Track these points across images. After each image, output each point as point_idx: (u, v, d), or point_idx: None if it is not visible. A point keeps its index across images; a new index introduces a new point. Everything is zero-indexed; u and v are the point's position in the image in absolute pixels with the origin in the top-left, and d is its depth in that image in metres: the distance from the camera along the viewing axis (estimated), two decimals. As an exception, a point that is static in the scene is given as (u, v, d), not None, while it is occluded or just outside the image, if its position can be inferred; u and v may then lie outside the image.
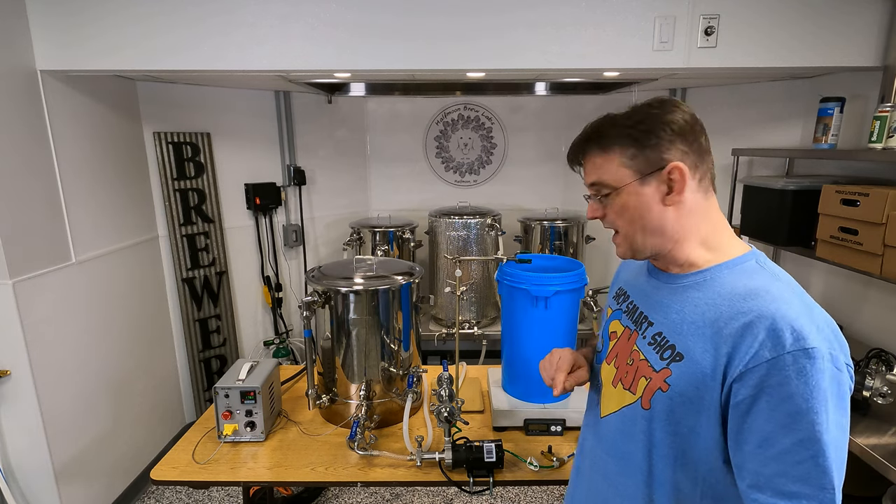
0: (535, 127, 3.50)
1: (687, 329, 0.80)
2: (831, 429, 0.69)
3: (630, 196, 0.83)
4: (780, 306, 0.72)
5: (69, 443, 2.11)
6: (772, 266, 0.82)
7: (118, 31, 1.91)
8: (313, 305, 1.53)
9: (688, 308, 0.82)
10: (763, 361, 0.70)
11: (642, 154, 0.81)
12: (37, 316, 1.96)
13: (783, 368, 0.69)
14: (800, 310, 0.72)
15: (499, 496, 2.56)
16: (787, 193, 2.10)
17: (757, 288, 0.76)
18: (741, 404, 0.73)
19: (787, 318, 0.71)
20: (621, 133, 0.82)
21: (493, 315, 3.09)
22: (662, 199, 0.82)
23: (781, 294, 0.74)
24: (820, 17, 1.94)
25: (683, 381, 0.79)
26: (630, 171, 0.82)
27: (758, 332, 0.71)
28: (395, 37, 1.94)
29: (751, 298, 0.75)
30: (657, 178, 0.81)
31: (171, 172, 2.70)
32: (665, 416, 0.81)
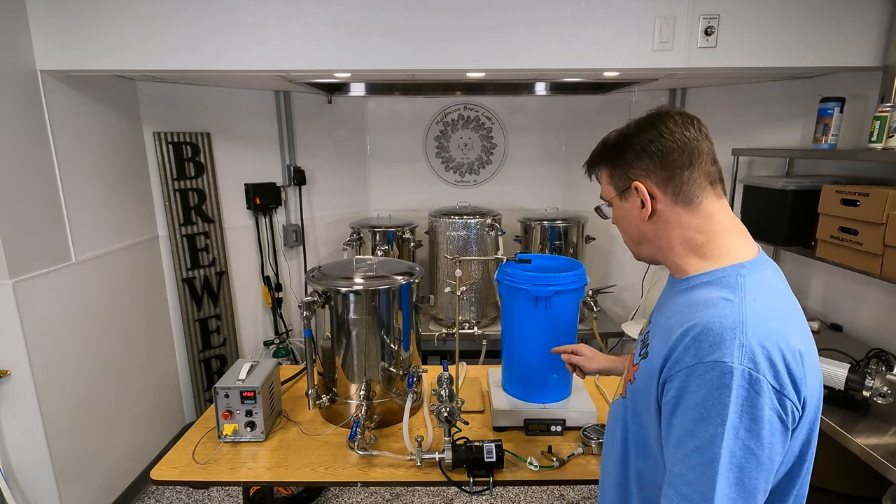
0: (535, 127, 3.50)
1: (659, 331, 0.86)
2: (729, 446, 0.70)
3: (617, 210, 0.94)
4: (713, 318, 0.75)
5: (69, 443, 2.11)
6: (753, 281, 0.81)
7: (118, 31, 1.91)
8: (313, 305, 1.53)
9: (667, 311, 0.87)
10: (684, 367, 0.75)
11: (616, 174, 0.91)
12: (37, 316, 1.96)
13: (698, 377, 0.73)
14: (731, 324, 0.73)
15: (499, 496, 2.56)
16: (787, 193, 2.10)
17: (710, 300, 0.79)
18: (668, 404, 0.77)
19: (713, 330, 0.73)
20: (604, 154, 0.93)
21: (493, 315, 3.09)
22: (639, 213, 0.89)
23: (723, 308, 0.76)
24: (820, 17, 1.94)
25: (643, 376, 0.86)
26: (612, 189, 0.93)
27: (687, 340, 0.76)
28: (395, 37, 1.94)
29: (699, 308, 0.79)
30: (631, 194, 0.89)
31: (171, 172, 2.70)
32: (631, 406, 0.90)
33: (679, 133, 0.85)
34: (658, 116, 0.87)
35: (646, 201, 0.87)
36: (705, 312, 0.76)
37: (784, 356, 0.72)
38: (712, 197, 0.86)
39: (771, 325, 0.74)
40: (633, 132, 0.88)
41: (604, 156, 0.93)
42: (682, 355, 0.76)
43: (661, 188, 0.86)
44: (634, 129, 0.88)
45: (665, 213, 0.87)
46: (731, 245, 0.86)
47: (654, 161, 0.85)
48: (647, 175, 0.86)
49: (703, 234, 0.86)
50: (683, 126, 0.85)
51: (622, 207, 0.92)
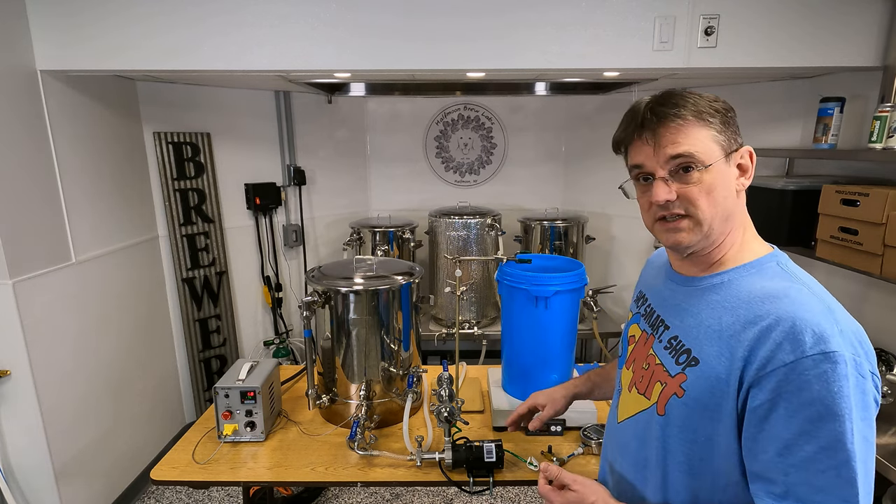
0: (535, 127, 3.50)
1: (703, 333, 0.78)
2: (856, 439, 0.65)
3: (718, 175, 0.77)
4: (799, 308, 0.69)
5: (69, 443, 2.11)
6: (794, 268, 0.79)
7: (118, 31, 1.91)
8: (313, 305, 1.53)
9: (704, 312, 0.80)
10: (781, 365, 0.67)
11: (727, 132, 0.78)
12: (37, 316, 1.96)
13: (802, 372, 0.66)
14: (821, 312, 0.69)
15: (499, 496, 2.55)
16: (787, 193, 2.10)
17: (776, 290, 0.73)
18: (758, 409, 0.70)
19: (808, 321, 0.67)
20: (708, 106, 0.77)
21: (493, 315, 3.09)
22: (734, 183, 0.79)
23: (801, 296, 0.71)
24: (820, 17, 1.94)
25: (699, 386, 0.76)
26: (719, 148, 0.77)
27: (776, 336, 0.68)
28: (395, 37, 1.94)
29: (769, 301, 0.72)
30: (734, 159, 0.79)
31: (171, 172, 2.70)
32: (680, 422, 0.79)
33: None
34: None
35: (750, 169, 0.80)
36: (781, 304, 0.70)
37: (863, 340, 0.70)
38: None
39: (843, 311, 0.71)
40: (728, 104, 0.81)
41: (717, 111, 0.78)
42: (774, 353, 0.68)
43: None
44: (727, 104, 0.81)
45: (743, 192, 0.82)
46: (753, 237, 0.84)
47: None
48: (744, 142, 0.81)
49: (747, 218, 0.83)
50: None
51: (725, 172, 0.78)
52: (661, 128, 0.77)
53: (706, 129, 0.76)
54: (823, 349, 0.65)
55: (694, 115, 0.76)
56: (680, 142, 0.76)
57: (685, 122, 0.76)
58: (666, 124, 0.76)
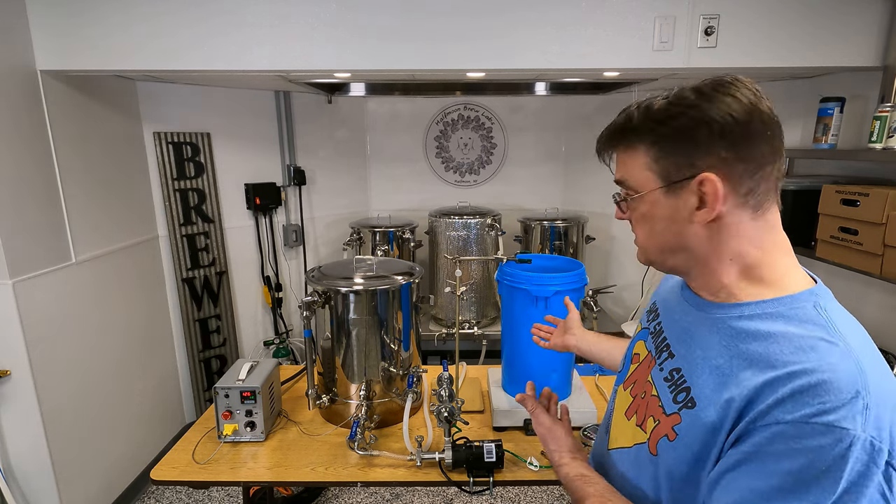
0: (535, 127, 3.50)
1: (708, 372, 0.67)
2: None
3: (652, 205, 0.70)
4: (821, 366, 0.57)
5: (69, 443, 2.11)
6: (834, 312, 0.65)
7: (118, 31, 1.91)
8: (313, 305, 1.53)
9: (714, 347, 0.68)
10: (773, 423, 0.57)
11: (669, 158, 0.66)
12: (37, 316, 1.96)
13: (798, 438, 0.55)
14: (848, 376, 0.56)
15: (499, 496, 2.55)
16: (787, 193, 2.10)
17: (803, 339, 0.61)
18: (730, 457, 0.61)
19: (826, 384, 0.56)
20: (649, 128, 0.67)
21: (493, 315, 3.09)
22: (690, 215, 0.67)
23: (831, 352, 0.58)
24: (820, 17, 1.94)
25: (692, 433, 0.66)
26: (654, 176, 0.68)
27: (783, 391, 0.57)
28: (395, 37, 1.94)
29: (791, 350, 0.60)
30: (686, 188, 0.66)
31: (171, 172, 2.70)
32: (670, 467, 0.70)
33: (766, 111, 0.63)
34: (730, 83, 0.64)
35: (710, 201, 0.65)
36: (803, 357, 0.59)
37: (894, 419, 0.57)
38: (775, 204, 0.69)
39: (885, 383, 0.58)
40: (698, 102, 0.64)
41: (647, 129, 0.67)
42: (772, 408, 0.57)
43: (734, 185, 0.65)
44: (699, 98, 0.64)
45: (727, 219, 0.66)
46: (786, 268, 0.69)
47: (736, 147, 0.63)
48: (721, 165, 0.64)
49: (759, 250, 0.68)
50: (765, 99, 0.64)
51: (664, 204, 0.68)
52: (613, 152, 0.74)
53: (640, 156, 0.69)
54: (830, 421, 0.54)
55: (624, 143, 0.71)
56: (617, 167, 0.73)
57: (619, 149, 0.73)
58: (611, 149, 0.74)
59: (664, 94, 0.68)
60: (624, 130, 0.71)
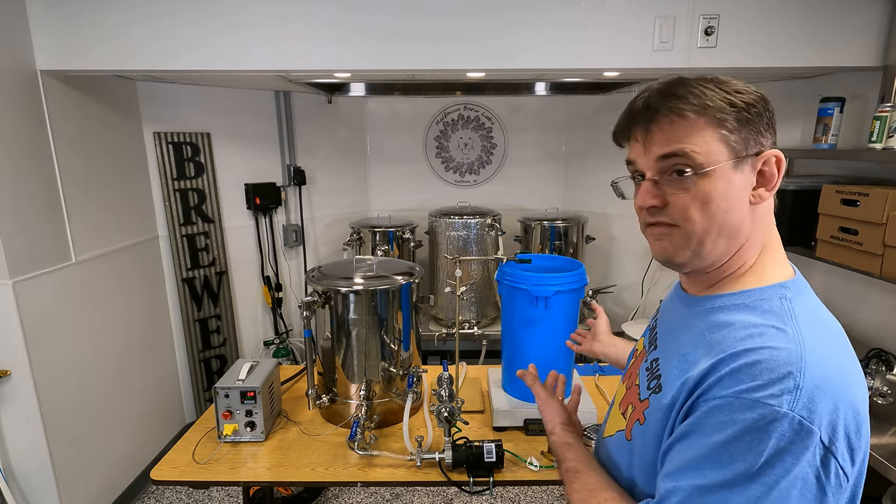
0: (535, 127, 3.50)
1: (676, 360, 0.69)
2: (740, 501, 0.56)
3: (720, 182, 0.64)
4: (766, 347, 0.59)
5: (69, 443, 2.11)
6: (801, 305, 0.65)
7: (118, 31, 1.91)
8: (313, 305, 1.53)
9: (685, 337, 0.71)
10: (713, 398, 0.59)
11: (746, 129, 0.64)
12: (37, 316, 1.96)
13: (728, 412, 0.57)
14: (788, 360, 0.58)
15: (499, 496, 2.55)
16: (787, 193, 2.10)
17: (757, 327, 0.62)
18: (677, 431, 0.64)
19: (763, 363, 0.58)
20: (723, 98, 0.63)
21: (493, 315, 3.09)
22: (745, 195, 0.66)
23: (776, 336, 0.60)
24: (820, 17, 1.94)
25: (655, 416, 0.69)
26: (726, 149, 0.64)
27: (724, 370, 0.60)
28: (395, 37, 1.94)
29: (741, 336, 0.62)
30: (749, 165, 0.65)
31: (171, 172, 2.70)
32: (640, 450, 0.72)
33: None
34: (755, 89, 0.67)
35: (774, 179, 0.66)
36: (749, 342, 0.61)
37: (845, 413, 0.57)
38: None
39: (834, 371, 0.59)
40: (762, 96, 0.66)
41: (733, 105, 0.63)
42: (712, 385, 0.60)
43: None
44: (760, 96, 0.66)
45: (767, 203, 0.68)
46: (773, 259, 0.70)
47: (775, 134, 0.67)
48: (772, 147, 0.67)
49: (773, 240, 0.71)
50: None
51: (731, 180, 0.65)
52: (652, 123, 0.66)
53: (712, 126, 0.63)
54: (758, 397, 0.56)
55: (696, 109, 0.63)
56: (673, 139, 0.65)
57: (682, 117, 0.64)
58: (658, 119, 0.65)
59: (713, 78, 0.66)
60: (691, 94, 0.64)
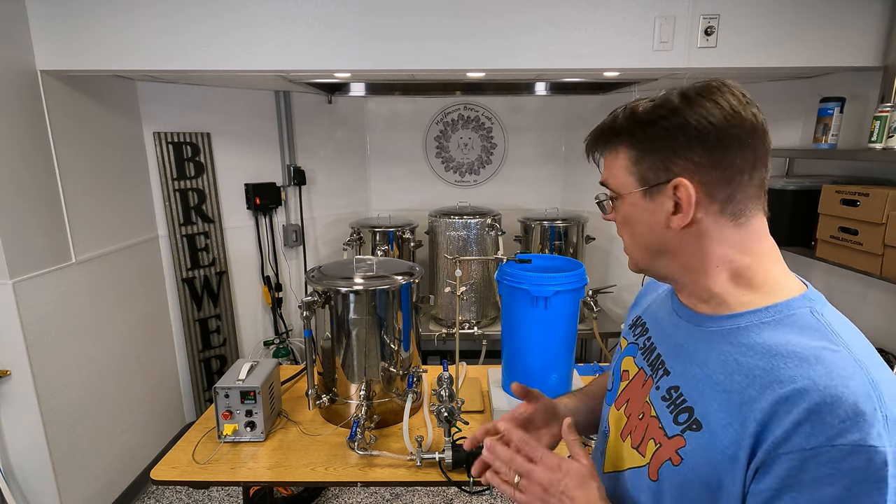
0: (535, 127, 3.50)
1: (710, 391, 0.64)
2: None
3: (632, 207, 0.70)
4: (832, 379, 0.55)
5: (69, 443, 2.11)
6: (832, 316, 0.63)
7: (118, 31, 1.91)
8: (313, 305, 1.53)
9: (713, 362, 0.66)
10: (797, 450, 0.54)
11: (647, 161, 0.67)
12: (37, 316, 1.96)
13: (829, 464, 0.53)
14: (864, 389, 0.54)
15: (499, 496, 2.55)
16: (787, 193, 2.10)
17: (806, 350, 0.58)
18: (759, 495, 0.57)
19: (842, 399, 0.53)
20: (630, 131, 0.68)
21: (493, 315, 3.09)
22: (667, 219, 0.66)
23: (838, 362, 0.56)
24: (820, 17, 1.94)
25: (699, 456, 0.63)
26: (633, 179, 0.68)
27: (798, 412, 0.55)
28: (395, 37, 1.94)
29: (794, 363, 0.58)
30: (663, 192, 0.66)
31: (171, 172, 2.70)
32: (675, 493, 0.66)
33: (748, 118, 0.62)
34: (717, 89, 0.63)
35: (684, 206, 0.65)
36: (810, 369, 0.56)
37: None
38: (760, 212, 0.67)
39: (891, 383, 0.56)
40: (680, 105, 0.63)
41: (629, 131, 0.67)
42: (790, 434, 0.55)
43: (709, 192, 0.64)
44: (682, 102, 0.63)
45: (704, 225, 0.66)
46: (776, 273, 0.67)
47: (711, 153, 0.63)
48: (696, 171, 0.64)
49: (748, 256, 0.66)
50: (750, 108, 0.63)
51: (643, 207, 0.68)
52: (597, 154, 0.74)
53: (621, 158, 0.69)
54: (857, 441, 0.52)
55: (608, 144, 0.71)
56: (605, 170, 0.73)
57: (604, 150, 0.72)
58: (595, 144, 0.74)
59: (653, 97, 0.67)
60: (608, 132, 0.71)
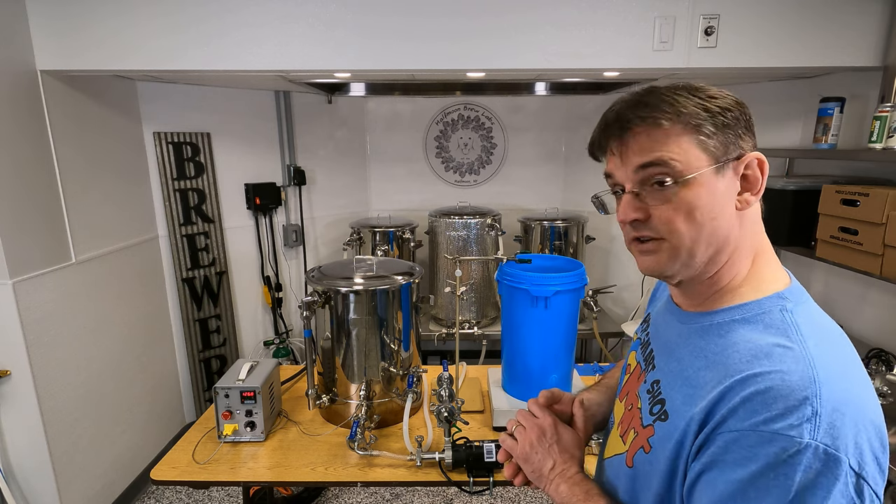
0: (535, 127, 3.50)
1: (680, 384, 0.66)
2: None
3: (704, 189, 0.62)
4: (775, 372, 0.56)
5: (69, 443, 2.11)
6: (804, 315, 0.63)
7: (118, 31, 1.91)
8: (313, 305, 1.53)
9: (687, 357, 0.68)
10: (728, 430, 0.56)
11: (724, 133, 0.61)
12: (37, 316, 1.96)
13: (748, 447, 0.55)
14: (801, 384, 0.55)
15: (499, 496, 2.55)
16: (787, 193, 2.10)
17: (761, 345, 0.60)
18: (694, 469, 0.60)
19: (775, 390, 0.55)
20: (697, 104, 0.61)
21: (493, 315, 3.09)
22: (733, 200, 0.63)
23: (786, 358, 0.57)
24: (820, 17, 1.94)
25: (663, 444, 0.65)
26: (706, 155, 0.61)
27: (737, 399, 0.57)
28: (394, 37, 1.94)
29: (748, 358, 0.59)
30: (731, 169, 0.63)
31: (171, 172, 2.70)
32: (644, 480, 0.69)
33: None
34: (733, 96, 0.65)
35: (757, 181, 0.63)
36: (756, 364, 0.58)
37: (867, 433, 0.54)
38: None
39: (849, 389, 0.56)
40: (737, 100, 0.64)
41: (708, 111, 0.61)
42: (727, 416, 0.57)
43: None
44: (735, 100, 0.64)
45: (754, 207, 0.65)
46: (765, 267, 0.67)
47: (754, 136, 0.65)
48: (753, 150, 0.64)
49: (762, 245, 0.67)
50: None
51: (714, 186, 0.62)
52: (627, 134, 0.64)
53: (688, 132, 0.61)
54: (777, 429, 0.53)
55: (670, 116, 0.62)
56: (649, 148, 0.63)
57: (657, 125, 0.62)
58: (633, 129, 0.64)
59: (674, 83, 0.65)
60: (664, 101, 0.62)
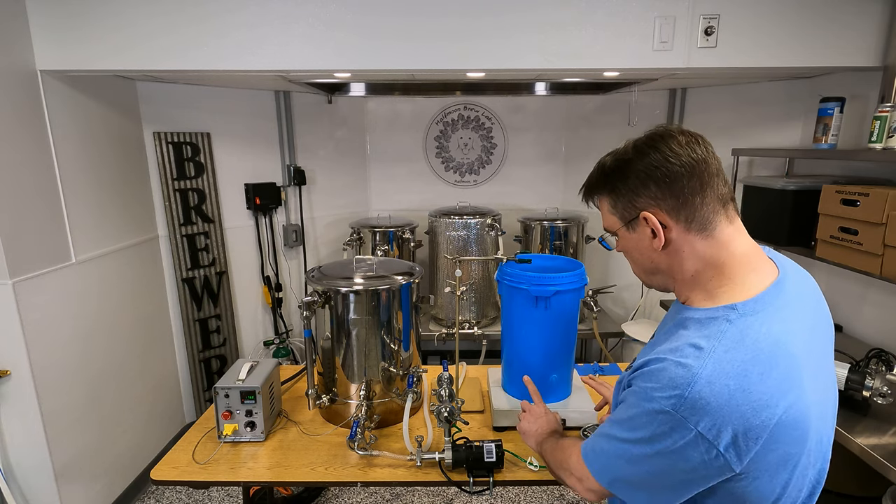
0: (535, 127, 3.50)
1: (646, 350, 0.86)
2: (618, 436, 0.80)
3: (625, 240, 0.89)
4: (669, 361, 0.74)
5: (69, 443, 2.11)
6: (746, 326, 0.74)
7: (118, 31, 1.91)
8: (313, 305, 1.53)
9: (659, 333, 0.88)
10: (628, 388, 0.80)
11: (619, 203, 0.85)
12: (37, 316, 1.96)
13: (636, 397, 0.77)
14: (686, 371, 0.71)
15: (499, 496, 2.56)
16: (787, 193, 2.10)
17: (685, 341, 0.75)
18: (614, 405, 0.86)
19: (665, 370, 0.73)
20: (603, 182, 0.87)
21: (493, 315, 3.09)
22: (650, 244, 0.84)
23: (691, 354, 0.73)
24: (820, 17, 1.94)
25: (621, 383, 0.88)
26: (616, 219, 0.87)
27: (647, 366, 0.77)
28: (395, 37, 1.94)
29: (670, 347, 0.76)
30: (639, 224, 0.83)
31: (171, 172, 2.70)
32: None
33: (686, 155, 0.78)
34: (660, 137, 0.80)
35: (657, 231, 0.81)
36: (669, 352, 0.75)
37: (733, 421, 0.69)
38: (725, 221, 0.80)
39: (733, 388, 0.69)
40: (633, 157, 0.81)
41: (602, 183, 0.87)
42: (637, 376, 0.78)
43: (673, 216, 0.80)
44: (635, 153, 0.81)
45: (678, 242, 0.81)
46: (741, 279, 0.79)
47: (662, 188, 0.79)
48: (656, 203, 0.80)
49: (714, 268, 0.80)
50: (689, 147, 0.78)
51: (630, 238, 0.87)
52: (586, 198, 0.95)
53: (605, 204, 0.89)
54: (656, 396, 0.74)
55: (593, 197, 0.91)
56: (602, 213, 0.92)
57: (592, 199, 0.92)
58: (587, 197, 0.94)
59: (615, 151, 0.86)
60: (590, 187, 0.91)
